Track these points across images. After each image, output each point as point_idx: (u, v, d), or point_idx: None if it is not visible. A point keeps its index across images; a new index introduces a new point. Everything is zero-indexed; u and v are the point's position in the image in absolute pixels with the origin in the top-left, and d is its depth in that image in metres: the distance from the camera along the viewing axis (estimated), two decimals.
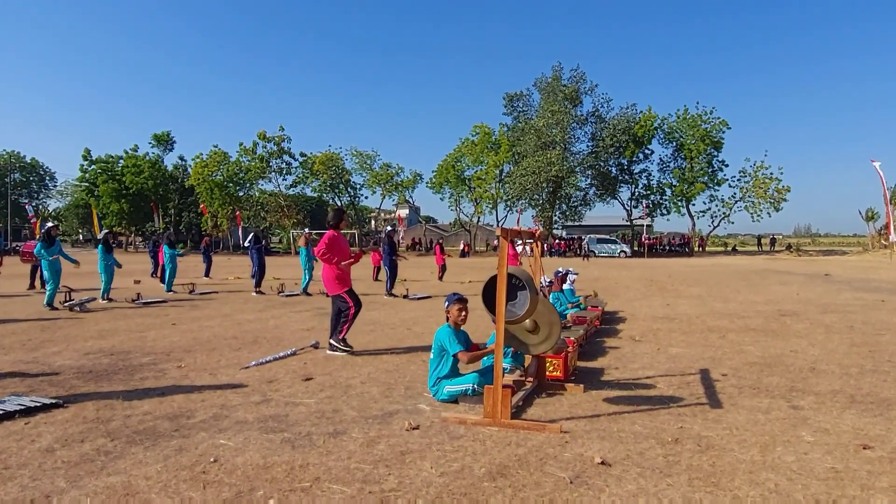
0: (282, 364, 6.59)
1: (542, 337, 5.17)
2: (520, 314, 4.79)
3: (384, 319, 10.44)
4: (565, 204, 56.76)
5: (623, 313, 11.44)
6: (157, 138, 69.19)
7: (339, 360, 6.82)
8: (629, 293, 16.05)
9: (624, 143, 52.56)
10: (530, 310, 4.81)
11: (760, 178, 52.35)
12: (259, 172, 61.16)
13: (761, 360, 6.91)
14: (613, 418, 4.56)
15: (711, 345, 7.94)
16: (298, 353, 7.29)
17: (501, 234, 4.33)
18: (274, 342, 8.10)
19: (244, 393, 5.31)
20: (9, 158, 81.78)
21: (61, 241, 16.39)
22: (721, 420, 4.53)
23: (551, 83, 53.91)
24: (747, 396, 5.25)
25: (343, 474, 3.41)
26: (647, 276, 22.94)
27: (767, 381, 5.85)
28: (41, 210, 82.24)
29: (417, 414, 4.68)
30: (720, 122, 52.52)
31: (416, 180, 64.68)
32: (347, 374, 6.07)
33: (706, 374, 6.14)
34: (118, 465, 3.54)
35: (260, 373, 6.16)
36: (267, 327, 9.44)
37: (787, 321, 10.26)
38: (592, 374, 6.17)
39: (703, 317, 10.86)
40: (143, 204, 64.92)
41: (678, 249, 56.99)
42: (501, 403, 4.29)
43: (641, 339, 8.44)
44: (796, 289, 17.00)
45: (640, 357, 7.09)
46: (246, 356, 7.06)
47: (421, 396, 5.20)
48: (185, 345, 7.82)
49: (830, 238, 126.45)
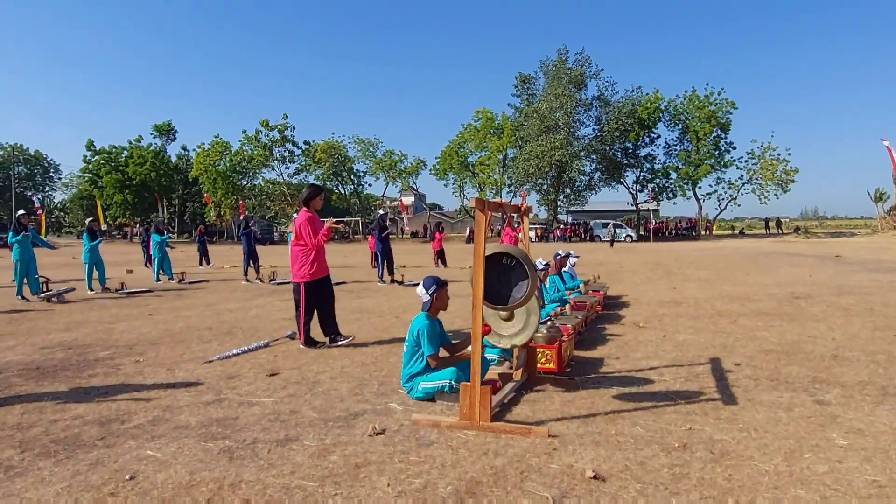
0: (250, 357, 6.01)
1: (516, 327, 4.54)
2: (519, 298, 4.16)
3: (373, 307, 9.85)
4: (569, 188, 55.90)
5: (627, 298, 10.81)
6: (159, 129, 68.71)
7: (312, 353, 6.24)
8: (634, 277, 15.39)
9: (629, 126, 51.52)
10: (530, 293, 4.18)
11: (768, 159, 51.29)
12: (262, 161, 60.55)
13: (778, 347, 6.28)
14: (611, 418, 3.95)
15: (722, 331, 7.31)
16: (272, 344, 6.71)
17: (477, 205, 3.70)
18: (250, 333, 7.53)
19: (197, 391, 4.73)
20: (12, 151, 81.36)
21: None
22: (736, 419, 3.91)
23: (556, 66, 52.85)
24: (765, 390, 4.63)
25: (278, 496, 2.82)
26: (653, 260, 22.25)
27: (786, 371, 5.22)
28: (47, 202, 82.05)
29: (386, 415, 4.08)
30: (727, 103, 51.37)
31: (419, 167, 63.91)
32: (318, 369, 5.48)
33: (717, 364, 5.52)
34: (13, 486, 2.96)
35: (223, 367, 5.58)
36: (247, 317, 8.87)
37: (802, 304, 9.60)
38: (590, 366, 5.55)
39: (712, 300, 10.22)
40: (147, 195, 64.62)
41: (684, 233, 56.12)
42: (480, 403, 3.69)
43: (646, 325, 7.82)
44: (808, 271, 16.29)
45: (643, 345, 6.47)
46: (215, 348, 6.49)
47: (395, 394, 4.61)
48: (154, 337, 7.26)
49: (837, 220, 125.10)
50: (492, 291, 4.17)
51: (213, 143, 60.00)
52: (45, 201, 77.51)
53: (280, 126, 60.17)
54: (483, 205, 3.73)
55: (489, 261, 4.06)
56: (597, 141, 52.75)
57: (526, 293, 4.03)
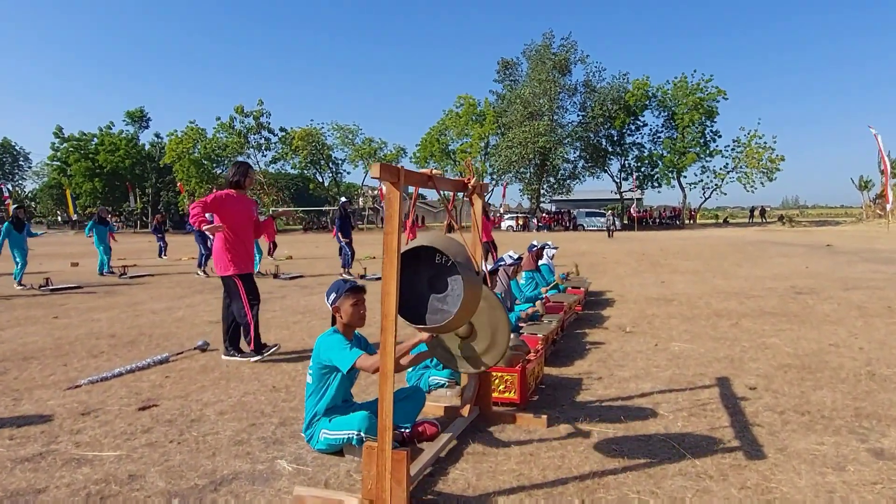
0: (131, 380, 4.70)
1: (481, 346, 3.30)
2: (452, 314, 2.83)
3: (321, 306, 8.54)
4: (553, 177, 54.64)
5: (611, 294, 9.61)
6: (131, 115, 66.37)
7: (218, 371, 4.95)
8: (618, 269, 14.22)
9: (615, 112, 50.31)
10: (468, 306, 2.87)
11: (754, 147, 50.44)
12: (237, 148, 58.63)
13: (796, 360, 5.10)
14: (590, 488, 2.73)
15: (724, 336, 6.13)
16: (174, 359, 5.41)
17: (382, 175, 2.41)
18: (158, 342, 6.23)
19: (23, 439, 3.42)
20: None
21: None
22: (770, 487, 2.70)
23: (540, 51, 51.48)
24: (797, 430, 3.43)
25: None
26: (638, 250, 21.10)
27: (817, 398, 4.03)
28: (16, 192, 79.25)
29: (266, 482, 2.82)
30: (716, 91, 50.30)
31: (399, 154, 62.33)
32: (210, 398, 4.20)
33: (726, 387, 4.32)
34: None
35: (88, 396, 4.27)
36: (167, 320, 7.54)
37: (808, 301, 8.47)
38: (565, 390, 4.33)
39: (706, 297, 9.06)
40: (119, 183, 62.45)
41: (668, 222, 55.20)
42: (392, 476, 2.44)
43: (634, 329, 6.62)
44: (802, 261, 15.23)
45: (631, 358, 5.26)
46: (99, 366, 5.18)
47: (295, 441, 3.35)
48: (35, 348, 5.92)
49: (819, 209, 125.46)
50: (420, 303, 2.90)
51: (188, 130, 58.03)
52: (12, 190, 74.84)
53: (255, 112, 58.34)
54: (395, 175, 2.44)
55: (413, 259, 2.80)
56: (581, 128, 51.54)
57: (460, 309, 2.74)
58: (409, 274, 2.78)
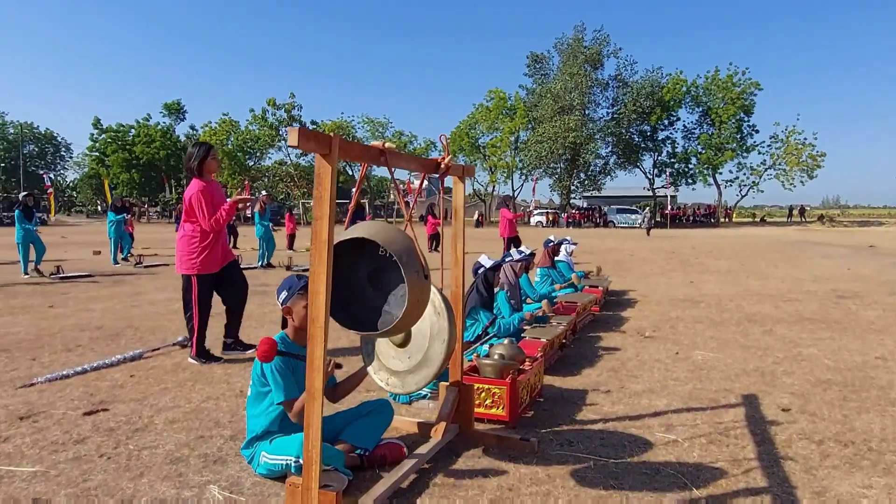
0: (91, 379, 4.31)
1: (411, 361, 2.75)
2: (396, 316, 2.35)
3: None
4: (584, 173, 53.46)
5: (633, 293, 8.99)
6: (168, 107, 67.36)
7: (188, 371, 4.54)
8: (644, 267, 13.52)
9: (648, 108, 48.89)
10: (415, 307, 2.36)
11: (793, 143, 48.55)
12: (269, 141, 59.07)
13: (837, 374, 4.47)
14: None
15: (754, 345, 5.50)
16: (148, 355, 5.04)
17: (302, 143, 1.91)
18: (144, 334, 5.89)
19: None
20: (21, 129, 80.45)
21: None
22: None
23: (572, 45, 50.43)
24: (838, 467, 2.84)
25: None
26: (668, 248, 20.24)
27: (862, 424, 3.42)
28: (59, 181, 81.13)
29: None
30: (751, 84, 48.54)
31: (429, 148, 61.90)
32: (167, 402, 3.78)
33: (754, 407, 3.73)
34: None
35: (39, 395, 3.90)
36: (161, 312, 7.21)
37: (852, 306, 7.74)
38: (566, 405, 3.79)
39: (738, 299, 8.38)
40: (155, 174, 63.47)
41: (702, 220, 53.56)
42: None
43: (654, 334, 6.02)
44: (844, 263, 14.31)
45: (647, 368, 4.69)
46: (72, 360, 4.83)
47: (238, 462, 2.89)
48: (13, 340, 5.60)
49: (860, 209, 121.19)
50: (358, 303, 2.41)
51: (221, 122, 58.68)
52: (56, 180, 76.59)
53: (287, 105, 58.57)
54: (325, 145, 1.95)
55: (350, 251, 2.30)
56: (613, 123, 50.30)
57: (406, 311, 2.23)
58: (345, 265, 2.29)
